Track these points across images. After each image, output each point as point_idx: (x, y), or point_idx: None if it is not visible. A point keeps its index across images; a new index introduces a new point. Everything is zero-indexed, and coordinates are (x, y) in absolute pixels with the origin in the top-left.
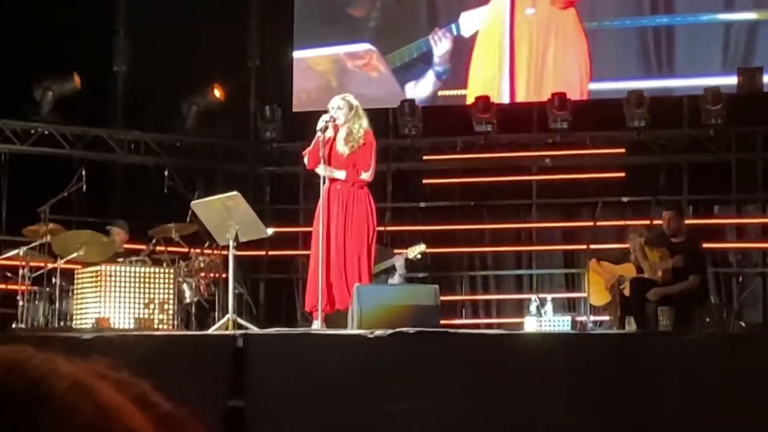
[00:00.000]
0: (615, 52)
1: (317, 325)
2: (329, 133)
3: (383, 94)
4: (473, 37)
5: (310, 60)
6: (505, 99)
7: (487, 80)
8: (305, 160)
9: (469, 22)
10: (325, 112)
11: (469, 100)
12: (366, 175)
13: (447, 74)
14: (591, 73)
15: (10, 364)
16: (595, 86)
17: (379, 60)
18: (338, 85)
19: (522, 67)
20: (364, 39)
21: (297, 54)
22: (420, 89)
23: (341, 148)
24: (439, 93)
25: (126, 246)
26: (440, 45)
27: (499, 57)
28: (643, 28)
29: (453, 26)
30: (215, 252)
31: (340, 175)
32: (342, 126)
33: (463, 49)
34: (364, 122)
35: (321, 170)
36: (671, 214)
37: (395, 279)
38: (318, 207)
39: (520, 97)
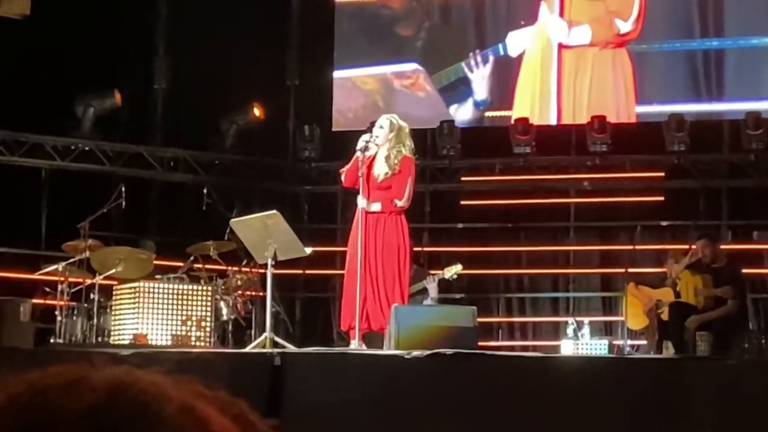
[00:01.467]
0: (663, 75)
1: (354, 345)
2: (369, 152)
3: (430, 114)
4: (520, 57)
5: (356, 79)
6: (552, 120)
7: (534, 101)
8: (342, 177)
9: (516, 41)
10: (365, 131)
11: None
12: (401, 203)
13: (486, 105)
14: (637, 96)
15: (117, 386)
16: (642, 109)
17: (426, 80)
18: (385, 104)
19: (568, 89)
20: (412, 58)
21: (339, 73)
22: (462, 113)
23: (378, 170)
24: (487, 114)
25: (164, 263)
26: (477, 72)
27: (546, 78)
28: (693, 51)
29: (500, 46)
30: (253, 270)
31: (377, 207)
32: (382, 146)
33: (509, 69)
34: (405, 147)
35: (359, 203)
36: (704, 243)
37: (428, 301)
38: (353, 228)
39: (566, 119)
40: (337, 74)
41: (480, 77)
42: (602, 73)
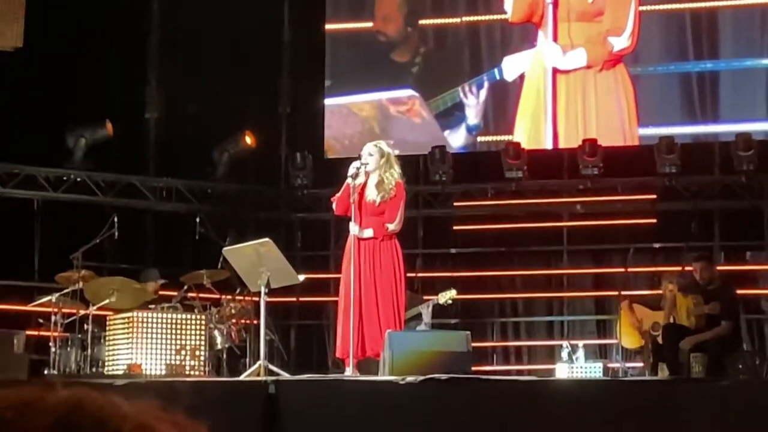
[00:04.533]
0: (658, 97)
1: (349, 372)
2: (359, 179)
3: (426, 139)
4: (518, 81)
5: (353, 105)
6: (548, 145)
7: (533, 125)
8: (334, 205)
9: (512, 65)
10: (356, 158)
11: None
12: (393, 227)
13: (478, 130)
14: (638, 118)
15: (75, 405)
16: (640, 132)
17: (422, 106)
18: (381, 130)
19: (567, 114)
20: (407, 85)
21: (335, 100)
22: (456, 138)
23: (372, 196)
24: (479, 139)
25: (162, 292)
26: (471, 98)
27: (542, 101)
28: (687, 73)
29: (495, 71)
30: (246, 298)
31: (369, 233)
32: (372, 173)
33: (505, 93)
34: (396, 172)
35: (352, 229)
36: (702, 265)
37: (422, 326)
38: (346, 254)
39: (569, 144)
40: (333, 101)
41: (474, 103)
42: (606, 96)
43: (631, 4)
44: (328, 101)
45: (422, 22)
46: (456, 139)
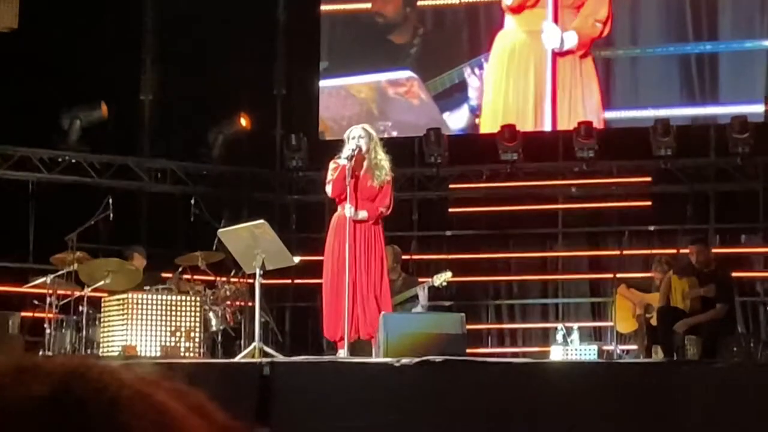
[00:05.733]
0: (657, 79)
1: (343, 354)
2: (353, 161)
3: (424, 121)
4: None
5: (351, 87)
6: (547, 127)
7: (519, 108)
8: (328, 188)
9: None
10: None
11: (485, 126)
12: (387, 211)
13: (478, 110)
14: (603, 102)
15: (73, 371)
16: (636, 114)
17: (421, 87)
18: (379, 112)
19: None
20: (405, 66)
21: (332, 82)
22: (455, 120)
23: (369, 179)
24: (478, 121)
25: (152, 273)
26: (473, 79)
27: (540, 85)
28: (686, 55)
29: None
30: (241, 280)
31: (364, 216)
32: (366, 156)
33: None
34: (384, 156)
35: (347, 211)
36: (698, 248)
37: (418, 308)
38: (333, 236)
39: (560, 125)
40: (330, 83)
41: (477, 84)
42: (588, 81)
43: None
44: (326, 83)
45: (420, 3)
46: (456, 121)
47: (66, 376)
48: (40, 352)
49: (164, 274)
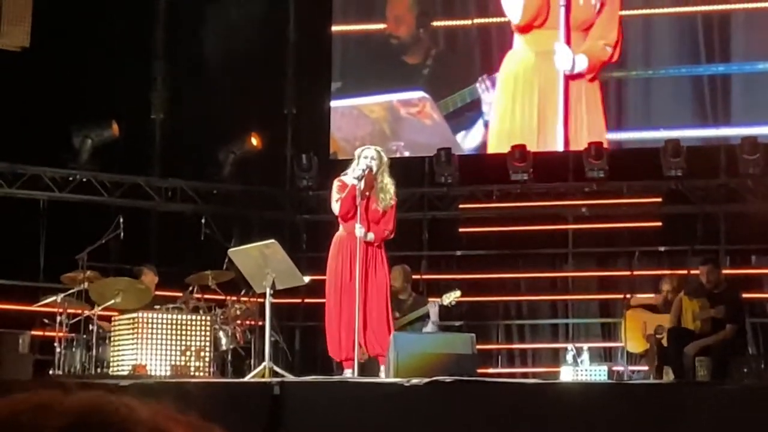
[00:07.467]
0: (669, 100)
1: (350, 374)
2: (363, 182)
3: (437, 141)
4: None
5: (363, 107)
6: (559, 147)
7: (524, 129)
8: (336, 207)
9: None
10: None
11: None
12: (392, 234)
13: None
14: (613, 123)
15: (90, 408)
16: (647, 135)
17: (433, 108)
18: (391, 132)
19: (557, 117)
20: (418, 86)
21: (345, 102)
22: (470, 139)
23: (374, 202)
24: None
25: (163, 293)
26: (487, 94)
27: (552, 106)
28: (699, 76)
29: None
30: (251, 299)
31: (371, 237)
32: (376, 177)
33: None
34: (390, 178)
35: (357, 231)
36: (709, 268)
37: (428, 327)
38: (338, 256)
39: (560, 147)
40: (343, 103)
41: (490, 99)
42: (594, 104)
43: (616, 17)
44: (338, 103)
45: (434, 23)
46: (471, 140)
47: (82, 413)
48: (50, 371)
49: (174, 293)
